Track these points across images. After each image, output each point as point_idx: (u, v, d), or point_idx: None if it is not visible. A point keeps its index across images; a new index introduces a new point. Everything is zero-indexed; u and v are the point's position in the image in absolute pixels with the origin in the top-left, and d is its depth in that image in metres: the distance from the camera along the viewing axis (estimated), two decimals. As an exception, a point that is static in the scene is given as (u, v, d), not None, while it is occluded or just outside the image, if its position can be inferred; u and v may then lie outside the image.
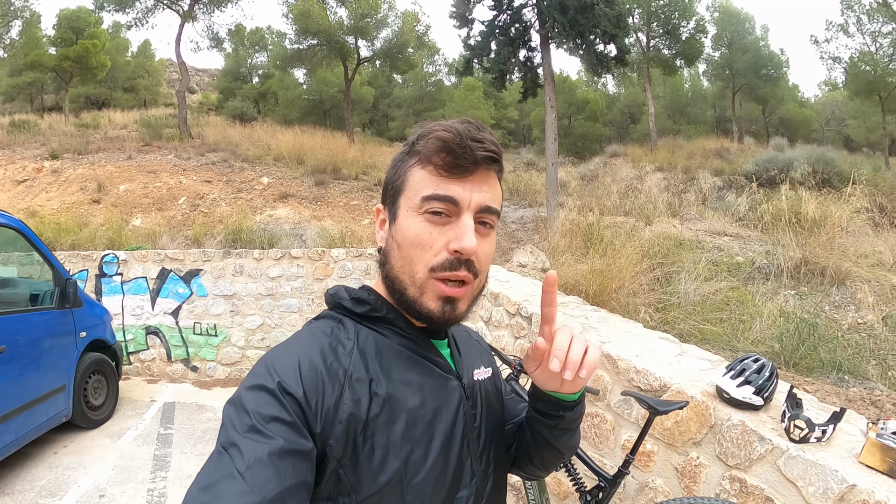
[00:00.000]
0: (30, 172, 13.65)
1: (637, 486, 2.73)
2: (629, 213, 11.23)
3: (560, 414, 0.93)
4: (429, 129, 0.85)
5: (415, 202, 0.83)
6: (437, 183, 0.82)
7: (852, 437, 2.02)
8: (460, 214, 0.82)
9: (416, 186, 0.84)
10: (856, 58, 21.28)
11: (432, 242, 0.82)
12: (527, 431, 1.02)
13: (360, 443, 0.77)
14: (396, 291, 0.86)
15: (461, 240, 0.80)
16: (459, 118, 0.86)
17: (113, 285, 7.49)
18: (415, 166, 0.85)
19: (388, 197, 0.89)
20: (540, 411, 0.95)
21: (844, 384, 3.90)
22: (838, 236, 6.83)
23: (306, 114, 25.16)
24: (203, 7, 19.96)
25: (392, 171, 0.90)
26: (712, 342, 4.77)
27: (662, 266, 6.69)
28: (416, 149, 0.85)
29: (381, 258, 0.89)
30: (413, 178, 0.85)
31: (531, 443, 1.02)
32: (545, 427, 0.96)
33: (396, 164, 0.89)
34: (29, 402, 4.36)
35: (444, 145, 0.81)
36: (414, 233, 0.83)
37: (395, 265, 0.85)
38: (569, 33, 13.54)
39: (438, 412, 0.86)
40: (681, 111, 30.50)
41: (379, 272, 0.91)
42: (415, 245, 0.83)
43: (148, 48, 34.26)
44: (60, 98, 26.05)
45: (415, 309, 0.85)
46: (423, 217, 0.82)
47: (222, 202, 12.29)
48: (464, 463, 0.88)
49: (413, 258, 0.83)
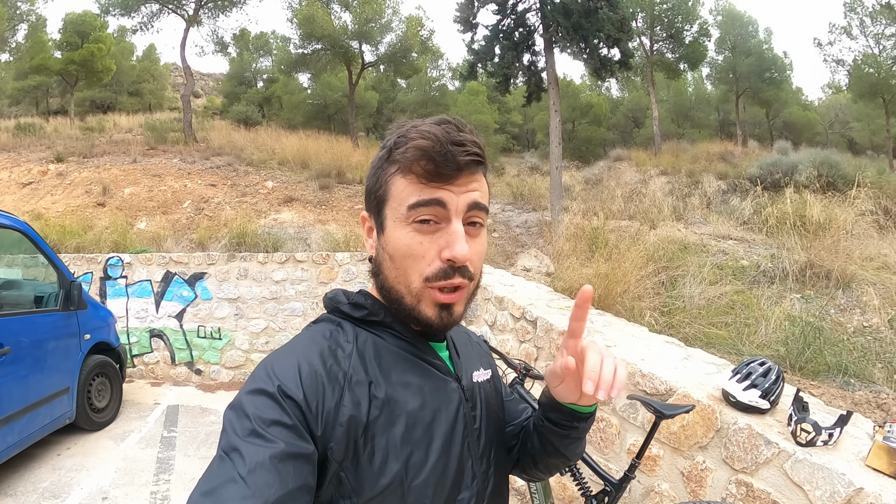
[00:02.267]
0: (35, 175, 13.70)
1: (643, 491, 2.72)
2: (633, 216, 11.20)
3: (574, 425, 0.94)
4: (405, 135, 0.83)
5: (401, 212, 0.82)
6: (420, 190, 0.81)
7: (859, 440, 2.01)
8: (449, 220, 0.81)
9: (399, 196, 0.82)
10: (859, 60, 21.20)
11: (424, 252, 0.81)
12: (534, 438, 1.03)
13: (361, 445, 0.77)
14: (394, 301, 0.86)
15: (453, 248, 0.80)
16: (436, 117, 0.84)
17: (117, 288, 7.51)
18: (395, 175, 0.83)
19: (372, 205, 0.88)
20: (553, 421, 0.95)
21: (850, 387, 3.89)
22: (843, 239, 6.80)
23: (311, 118, 25.15)
24: (208, 12, 20.02)
25: (373, 179, 0.88)
26: (718, 346, 4.76)
27: (667, 270, 6.68)
28: (395, 157, 0.83)
29: (374, 268, 0.89)
30: (395, 187, 0.83)
31: (539, 449, 1.02)
32: (556, 436, 0.96)
33: (376, 170, 0.87)
34: (33, 404, 4.38)
35: (423, 153, 0.79)
36: (405, 244, 0.82)
37: (389, 276, 0.85)
38: (572, 37, 13.54)
39: (438, 414, 0.86)
40: (685, 115, 30.45)
41: (373, 281, 0.91)
42: (407, 256, 0.82)
43: (153, 52, 34.36)
44: (66, 101, 26.16)
45: (413, 317, 0.85)
46: (411, 227, 0.81)
47: (227, 206, 12.31)
48: (464, 464, 0.88)
49: (406, 269, 0.83)
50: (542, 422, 0.98)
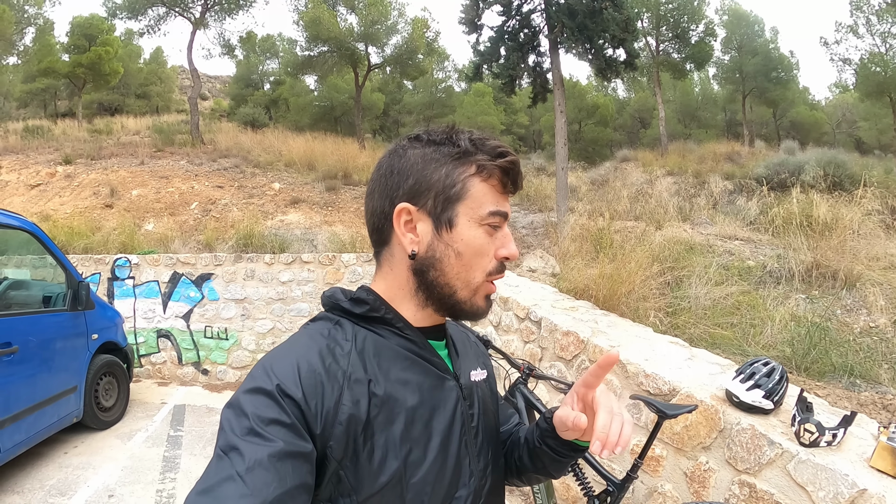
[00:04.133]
0: (43, 177, 13.80)
1: (646, 491, 2.72)
2: (639, 217, 11.18)
3: (571, 454, 0.98)
4: (481, 142, 0.89)
5: (480, 214, 0.87)
6: (497, 199, 0.89)
7: (863, 440, 2.00)
8: (504, 226, 0.91)
9: (480, 199, 0.87)
10: (866, 59, 21.07)
11: (489, 251, 0.88)
12: (523, 452, 1.06)
13: (361, 443, 0.78)
14: (442, 296, 0.89)
15: (510, 248, 0.90)
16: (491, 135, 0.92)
17: (125, 288, 7.55)
18: (475, 177, 0.87)
19: (435, 200, 0.87)
20: (550, 447, 0.98)
21: (856, 388, 3.87)
22: (850, 239, 6.76)
23: (317, 120, 25.22)
24: (214, 14, 20.11)
25: (436, 173, 0.87)
26: (723, 346, 4.74)
27: (673, 270, 6.66)
28: (477, 161, 0.87)
29: (421, 263, 0.88)
30: (476, 189, 0.87)
31: (527, 465, 1.06)
32: (549, 458, 1.00)
33: (441, 165, 0.87)
34: (40, 402, 4.41)
35: (511, 167, 0.89)
36: (479, 243, 0.87)
37: (450, 271, 0.87)
38: (577, 38, 13.52)
39: (436, 412, 0.87)
40: (691, 115, 30.37)
41: (410, 278, 0.90)
42: (478, 255, 0.88)
43: (160, 55, 34.54)
44: (74, 104, 26.30)
45: (461, 308, 0.90)
46: (483, 229, 0.88)
47: (234, 207, 12.36)
48: (462, 462, 0.89)
49: (473, 265, 0.88)
50: (538, 444, 1.01)
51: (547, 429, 0.97)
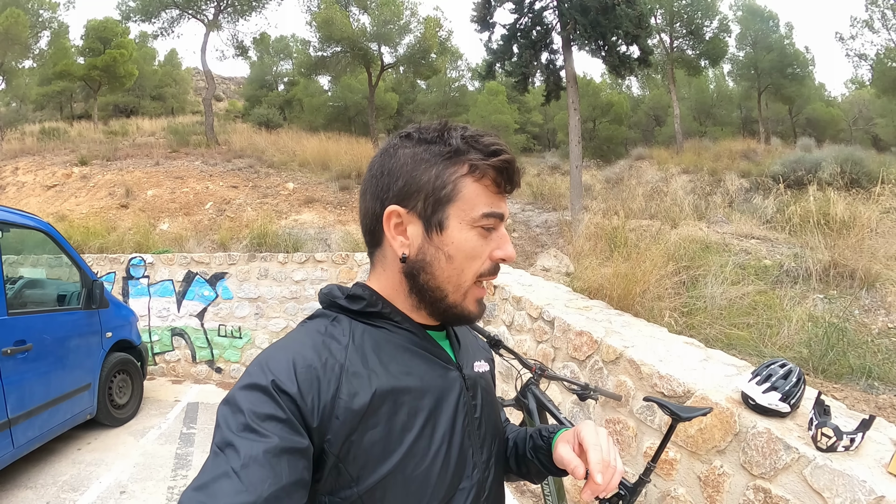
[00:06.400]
0: (59, 178, 13.96)
1: (658, 495, 2.68)
2: (654, 216, 11.08)
3: (561, 473, 0.99)
4: (475, 140, 0.85)
5: (472, 216, 0.84)
6: (492, 200, 0.86)
7: (881, 445, 1.94)
8: (500, 227, 0.88)
9: (472, 200, 0.84)
10: (882, 54, 20.74)
11: (482, 253, 0.86)
12: (511, 457, 1.11)
13: (360, 435, 0.77)
14: (433, 299, 0.87)
15: (506, 249, 0.88)
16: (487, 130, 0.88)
17: (140, 287, 7.62)
18: (467, 178, 0.84)
19: (424, 202, 0.84)
20: (542, 462, 1.02)
21: (874, 391, 3.80)
22: (867, 238, 6.66)
23: (331, 120, 25.30)
24: (227, 16, 20.22)
25: (426, 174, 0.84)
26: (739, 347, 4.68)
27: (688, 270, 6.59)
28: (469, 160, 0.84)
29: (411, 266, 0.86)
30: (468, 190, 0.84)
31: (513, 468, 1.11)
32: (537, 470, 1.06)
33: (431, 166, 0.84)
34: (54, 399, 4.45)
35: (505, 166, 0.85)
36: (470, 246, 0.85)
37: (440, 275, 0.85)
38: (590, 35, 13.43)
39: (440, 403, 0.86)
40: (706, 112, 30.05)
41: (402, 280, 0.88)
42: (470, 257, 0.85)
43: (174, 57, 34.81)
44: (89, 106, 26.62)
45: (452, 312, 0.88)
46: (476, 231, 0.85)
47: (248, 207, 12.43)
48: (465, 453, 0.89)
49: (464, 268, 0.86)
50: (529, 455, 1.05)
51: (542, 446, 1.00)
